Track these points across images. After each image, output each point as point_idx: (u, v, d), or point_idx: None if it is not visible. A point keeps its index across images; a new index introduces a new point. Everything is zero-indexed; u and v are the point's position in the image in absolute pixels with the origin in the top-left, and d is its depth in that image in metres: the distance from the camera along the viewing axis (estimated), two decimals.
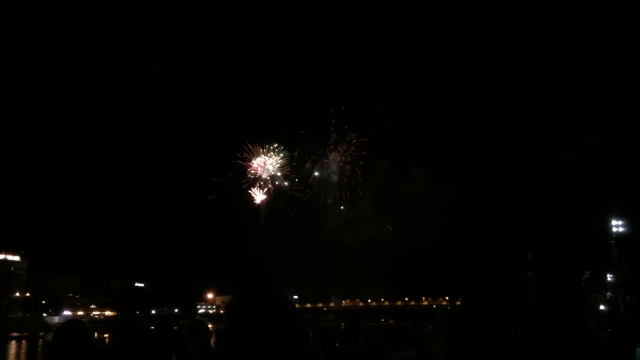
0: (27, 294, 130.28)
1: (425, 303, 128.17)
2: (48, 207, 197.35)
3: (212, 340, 4.71)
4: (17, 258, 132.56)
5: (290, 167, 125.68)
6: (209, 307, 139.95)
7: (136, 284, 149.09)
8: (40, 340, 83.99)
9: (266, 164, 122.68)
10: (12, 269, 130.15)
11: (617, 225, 46.69)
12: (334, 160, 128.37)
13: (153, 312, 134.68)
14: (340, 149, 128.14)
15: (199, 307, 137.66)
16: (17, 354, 70.04)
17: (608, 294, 54.73)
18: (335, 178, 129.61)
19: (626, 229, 46.36)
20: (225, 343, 1.80)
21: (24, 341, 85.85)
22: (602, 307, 47.17)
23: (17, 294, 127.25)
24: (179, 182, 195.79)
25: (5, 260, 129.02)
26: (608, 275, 52.91)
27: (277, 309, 1.83)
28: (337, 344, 6.18)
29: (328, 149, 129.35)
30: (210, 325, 5.23)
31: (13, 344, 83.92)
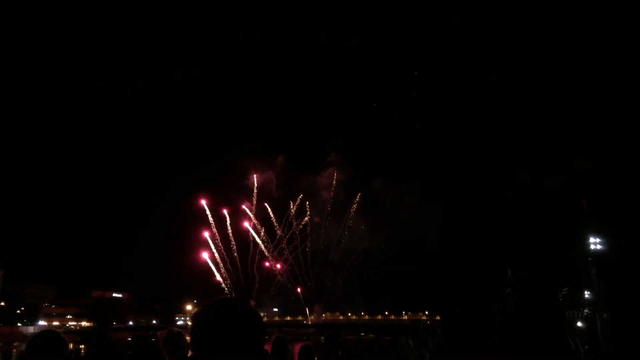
0: (2, 303, 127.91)
1: (405, 317, 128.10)
2: (24, 216, 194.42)
3: (189, 354, 4.66)
4: None
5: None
6: (187, 318, 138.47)
7: (114, 295, 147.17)
8: (15, 350, 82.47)
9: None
10: None
11: (594, 243, 47.24)
12: (326, 177, 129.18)
13: (130, 323, 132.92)
14: (332, 168, 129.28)
15: (177, 318, 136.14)
16: None
17: (585, 310, 55.18)
18: (325, 195, 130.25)
19: (604, 246, 46.92)
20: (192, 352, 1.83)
21: None
22: (579, 324, 47.51)
23: None
24: (160, 192, 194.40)
25: None
26: (585, 293, 53.36)
27: (242, 318, 1.85)
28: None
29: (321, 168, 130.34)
30: (188, 338, 5.16)
31: None
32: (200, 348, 1.81)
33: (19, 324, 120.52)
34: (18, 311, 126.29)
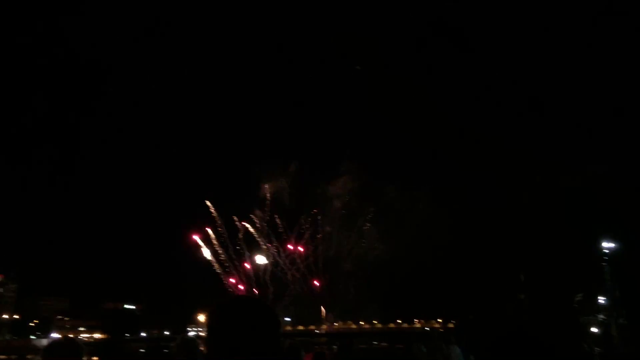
0: (16, 316, 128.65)
1: (418, 325, 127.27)
2: (38, 229, 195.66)
3: None
4: (6, 280, 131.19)
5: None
6: (199, 329, 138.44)
7: (126, 306, 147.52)
8: None
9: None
10: (1, 290, 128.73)
11: (609, 247, 46.81)
12: (340, 186, 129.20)
13: (143, 334, 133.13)
14: (346, 176, 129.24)
15: (189, 329, 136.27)
16: None
17: (600, 316, 54.64)
18: (337, 204, 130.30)
19: (618, 251, 46.48)
20: (207, 347, 1.82)
21: None
22: (594, 330, 47.02)
23: (6, 316, 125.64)
24: (171, 203, 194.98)
25: None
26: (600, 298, 52.84)
27: (258, 315, 1.84)
28: None
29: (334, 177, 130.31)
30: (202, 348, 5.18)
31: None
32: (216, 346, 1.80)
33: (32, 337, 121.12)
34: (31, 324, 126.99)
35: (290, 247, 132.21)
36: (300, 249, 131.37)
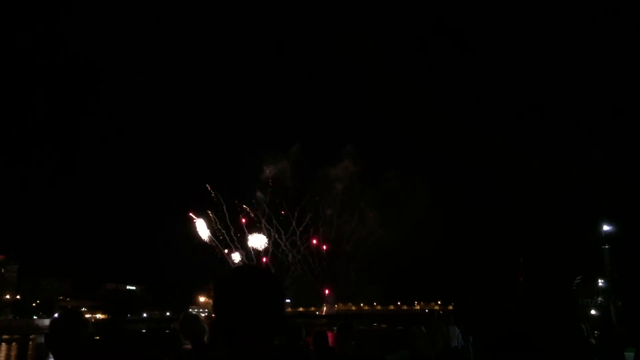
0: (18, 297, 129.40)
1: (418, 307, 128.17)
2: (39, 209, 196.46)
3: (206, 337, 4.72)
4: (7, 260, 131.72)
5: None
6: (200, 310, 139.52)
7: (128, 287, 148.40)
8: (31, 342, 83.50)
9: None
10: (2, 271, 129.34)
11: (608, 230, 46.84)
12: (341, 169, 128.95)
13: (144, 315, 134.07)
14: (347, 160, 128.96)
15: (190, 310, 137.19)
16: (7, 357, 69.57)
17: (599, 299, 54.87)
18: (340, 187, 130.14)
19: (618, 234, 46.53)
20: (215, 321, 1.85)
21: (14, 344, 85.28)
22: (593, 312, 47.33)
23: (8, 297, 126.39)
24: (172, 185, 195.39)
25: None
26: (599, 281, 53.06)
27: (263, 284, 1.87)
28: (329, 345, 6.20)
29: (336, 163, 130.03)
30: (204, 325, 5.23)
31: (3, 346, 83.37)
32: (223, 315, 1.82)
33: (34, 317, 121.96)
34: (34, 304, 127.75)
35: (314, 241, 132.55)
36: (324, 247, 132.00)
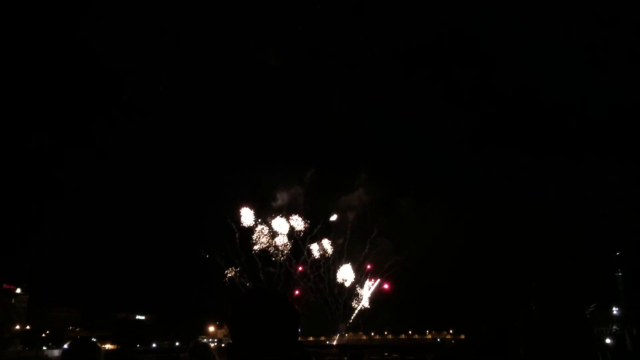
0: (28, 327, 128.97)
1: (429, 336, 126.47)
2: (49, 240, 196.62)
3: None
4: (18, 290, 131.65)
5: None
6: (210, 340, 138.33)
7: (137, 317, 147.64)
8: None
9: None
10: (12, 301, 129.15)
11: (623, 258, 46.41)
12: (354, 198, 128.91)
13: (154, 345, 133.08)
14: (361, 189, 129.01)
15: (200, 339, 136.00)
16: None
17: (614, 327, 54.02)
18: (351, 217, 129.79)
19: (632, 262, 46.05)
20: (232, 337, 1.87)
21: None
22: (608, 341, 46.52)
23: (18, 327, 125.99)
24: (184, 216, 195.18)
25: (5, 293, 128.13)
26: (614, 309, 52.29)
27: (279, 308, 1.90)
28: None
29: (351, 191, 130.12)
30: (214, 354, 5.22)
31: None
32: (239, 337, 1.86)
33: (44, 347, 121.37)
34: (43, 335, 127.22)
35: (300, 268, 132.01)
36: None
